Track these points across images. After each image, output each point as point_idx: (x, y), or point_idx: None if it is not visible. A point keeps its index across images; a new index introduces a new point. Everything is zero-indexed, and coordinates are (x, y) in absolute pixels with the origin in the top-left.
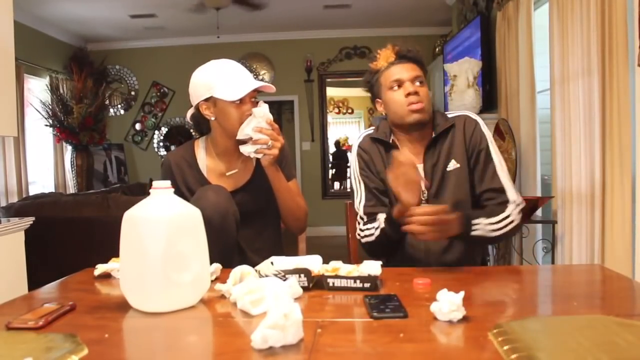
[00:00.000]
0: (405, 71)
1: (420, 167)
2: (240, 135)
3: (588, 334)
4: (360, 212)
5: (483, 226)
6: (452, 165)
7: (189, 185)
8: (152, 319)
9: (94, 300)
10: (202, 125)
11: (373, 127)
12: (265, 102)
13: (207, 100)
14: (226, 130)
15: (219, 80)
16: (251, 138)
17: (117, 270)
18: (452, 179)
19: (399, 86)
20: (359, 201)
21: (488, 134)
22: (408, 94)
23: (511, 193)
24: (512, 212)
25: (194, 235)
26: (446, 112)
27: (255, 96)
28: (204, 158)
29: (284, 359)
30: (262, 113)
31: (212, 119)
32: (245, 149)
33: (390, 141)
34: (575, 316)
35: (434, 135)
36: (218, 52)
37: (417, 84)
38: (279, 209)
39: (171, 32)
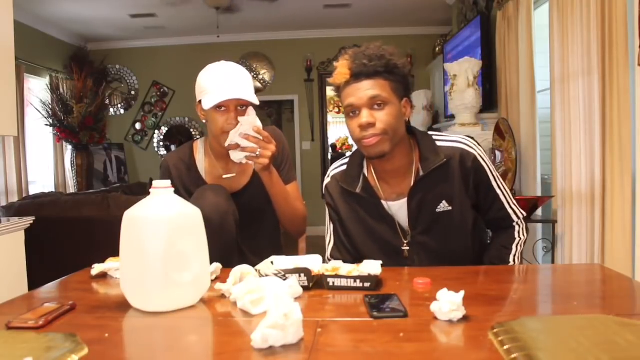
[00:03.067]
0: (359, 92)
1: (404, 204)
2: (228, 142)
3: (588, 334)
4: (327, 254)
5: (499, 261)
6: (443, 206)
7: (187, 187)
8: (152, 318)
9: (94, 300)
10: None
11: (347, 159)
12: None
13: (200, 102)
14: (213, 135)
15: (207, 85)
16: (239, 145)
17: (114, 269)
18: (443, 222)
19: (354, 112)
20: (328, 242)
21: (487, 164)
22: (360, 126)
23: (514, 215)
24: (519, 233)
25: (194, 235)
26: (435, 138)
27: (242, 105)
28: (202, 160)
29: (284, 358)
30: (248, 121)
31: (204, 121)
32: (235, 156)
33: (361, 176)
34: (575, 316)
35: (422, 174)
36: (218, 52)
37: (376, 106)
38: None
39: (171, 32)
